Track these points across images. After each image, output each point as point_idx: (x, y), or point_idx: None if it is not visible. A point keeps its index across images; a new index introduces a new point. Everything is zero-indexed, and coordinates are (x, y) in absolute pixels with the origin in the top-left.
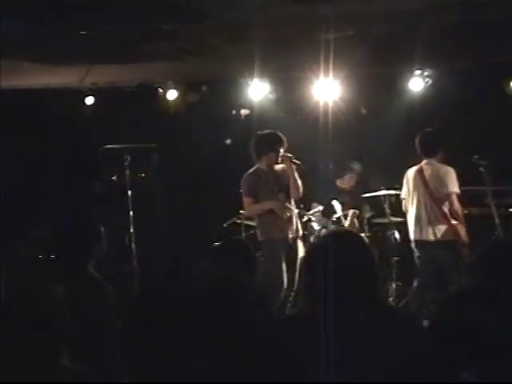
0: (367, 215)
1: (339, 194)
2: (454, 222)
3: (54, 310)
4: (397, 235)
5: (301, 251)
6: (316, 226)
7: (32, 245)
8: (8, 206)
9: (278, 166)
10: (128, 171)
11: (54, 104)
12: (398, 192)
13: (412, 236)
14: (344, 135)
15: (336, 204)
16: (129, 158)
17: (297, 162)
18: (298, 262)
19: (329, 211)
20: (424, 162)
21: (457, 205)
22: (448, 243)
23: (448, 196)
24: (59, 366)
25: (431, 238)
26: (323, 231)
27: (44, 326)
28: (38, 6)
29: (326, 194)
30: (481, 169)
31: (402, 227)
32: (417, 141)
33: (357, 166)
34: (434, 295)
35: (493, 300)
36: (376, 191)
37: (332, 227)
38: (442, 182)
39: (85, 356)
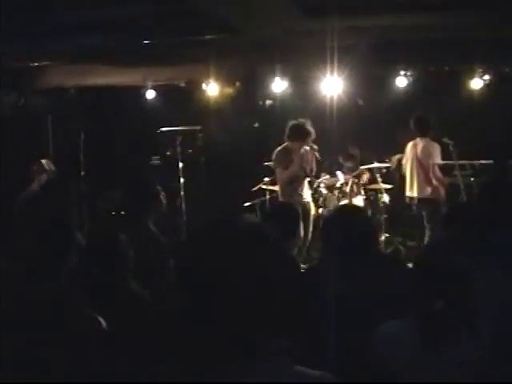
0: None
1: (342, 167)
2: (436, 184)
3: (121, 249)
4: (386, 198)
5: (312, 210)
6: (323, 190)
7: (107, 202)
8: (92, 173)
9: (302, 150)
10: (179, 148)
11: (123, 97)
12: (387, 165)
13: (407, 193)
14: (345, 121)
15: (339, 174)
16: (180, 138)
17: (316, 147)
18: (311, 218)
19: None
20: (418, 138)
21: (437, 172)
22: (431, 200)
23: (433, 165)
24: (129, 288)
25: (420, 195)
26: (329, 194)
27: (116, 260)
28: (111, 22)
29: (332, 166)
30: (450, 147)
31: (390, 192)
32: (412, 122)
33: (356, 151)
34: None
35: (460, 245)
36: (370, 164)
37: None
38: (429, 154)
39: (146, 283)
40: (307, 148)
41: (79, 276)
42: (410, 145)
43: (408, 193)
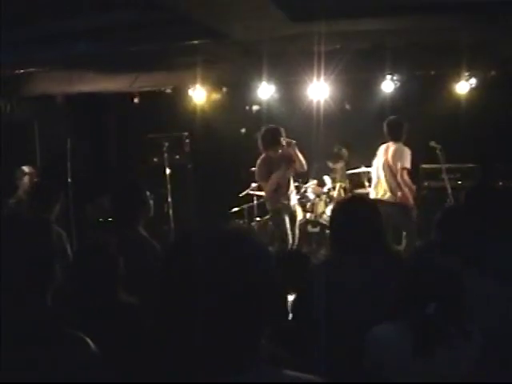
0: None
1: (330, 172)
2: (405, 189)
3: (110, 256)
4: None
5: (299, 215)
6: (311, 195)
7: (95, 209)
8: (81, 181)
9: (282, 151)
10: (166, 154)
11: (109, 104)
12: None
13: (372, 196)
14: (332, 126)
15: (327, 179)
16: (167, 144)
17: (293, 141)
18: (297, 223)
19: (321, 184)
20: (391, 142)
21: (405, 177)
22: (399, 204)
23: (401, 169)
24: (118, 297)
25: (389, 199)
26: (317, 199)
27: (104, 268)
28: (98, 29)
29: (320, 171)
30: (437, 151)
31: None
32: (385, 126)
33: (344, 151)
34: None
35: (449, 249)
36: (357, 168)
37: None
38: (398, 158)
39: (136, 291)
40: (284, 149)
41: (68, 290)
42: (382, 148)
43: (374, 195)
